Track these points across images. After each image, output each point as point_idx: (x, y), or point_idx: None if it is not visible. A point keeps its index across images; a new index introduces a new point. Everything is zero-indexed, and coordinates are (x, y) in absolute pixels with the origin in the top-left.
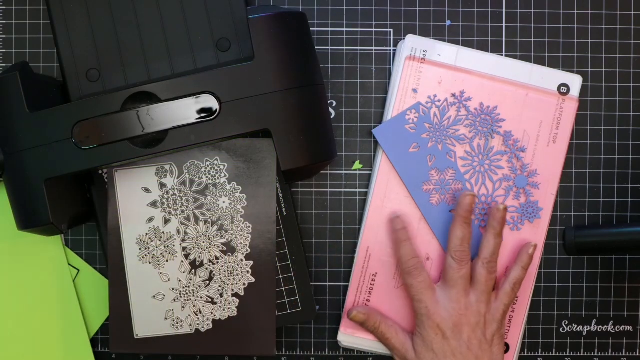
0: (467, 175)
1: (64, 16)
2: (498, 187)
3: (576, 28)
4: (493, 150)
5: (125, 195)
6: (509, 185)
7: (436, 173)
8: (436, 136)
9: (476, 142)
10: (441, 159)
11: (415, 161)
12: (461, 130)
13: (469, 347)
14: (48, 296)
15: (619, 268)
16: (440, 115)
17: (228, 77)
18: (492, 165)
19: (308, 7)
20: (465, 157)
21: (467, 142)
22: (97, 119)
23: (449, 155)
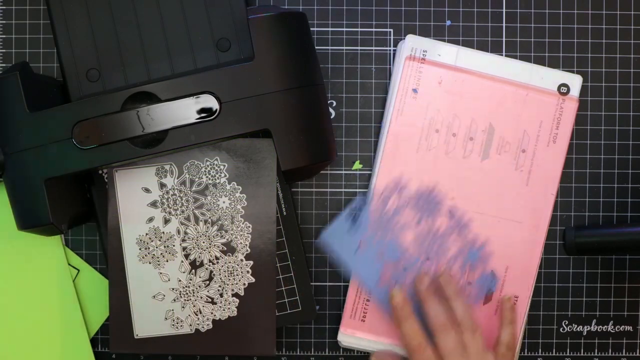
0: (419, 262)
1: (64, 16)
2: (452, 264)
3: (576, 28)
4: (440, 230)
5: (125, 195)
6: (462, 262)
7: (390, 267)
8: (381, 229)
9: (422, 225)
10: (391, 251)
11: (366, 260)
12: (404, 217)
13: None
14: (48, 296)
15: (619, 268)
16: (382, 207)
17: (228, 77)
18: (442, 246)
19: (308, 7)
20: (414, 243)
21: (413, 228)
22: (97, 119)
23: (397, 245)
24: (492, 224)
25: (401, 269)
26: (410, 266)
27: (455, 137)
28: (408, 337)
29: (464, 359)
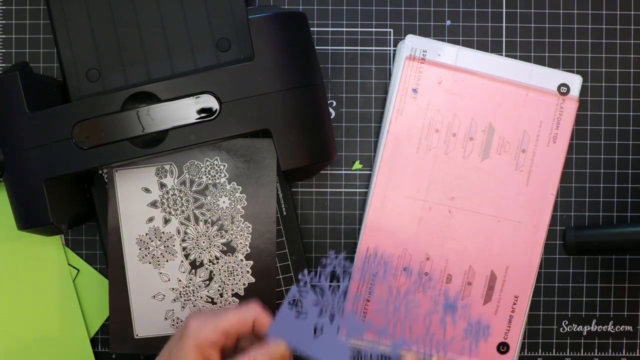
0: (389, 328)
1: (64, 16)
2: (429, 323)
3: (576, 28)
4: (401, 290)
5: (125, 195)
6: (440, 318)
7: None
8: (330, 305)
9: (377, 292)
10: (354, 326)
11: (330, 341)
12: (353, 287)
13: None
14: (48, 296)
15: (619, 268)
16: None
17: (228, 77)
18: (409, 307)
19: (308, 7)
20: (377, 312)
21: (369, 297)
22: (97, 119)
23: (358, 317)
24: (492, 224)
25: (372, 339)
26: (382, 332)
27: (455, 137)
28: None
29: None
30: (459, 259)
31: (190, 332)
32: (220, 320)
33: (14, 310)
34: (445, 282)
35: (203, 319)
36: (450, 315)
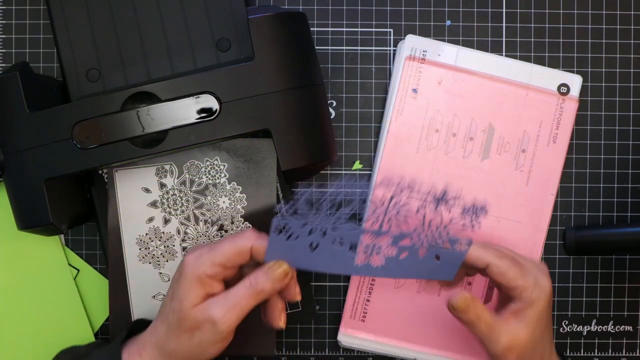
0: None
1: (64, 16)
2: (423, 215)
3: (576, 28)
4: (385, 199)
5: (125, 195)
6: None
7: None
8: (320, 221)
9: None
10: (349, 232)
11: (327, 251)
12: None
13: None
14: (49, 296)
15: (619, 268)
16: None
17: (228, 77)
18: (399, 206)
19: (308, 7)
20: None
21: (355, 205)
22: (97, 119)
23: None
24: (492, 224)
25: (370, 240)
26: (377, 232)
27: (455, 137)
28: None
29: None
30: None
31: (187, 270)
32: (215, 254)
33: (15, 310)
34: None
35: (199, 254)
36: (444, 204)
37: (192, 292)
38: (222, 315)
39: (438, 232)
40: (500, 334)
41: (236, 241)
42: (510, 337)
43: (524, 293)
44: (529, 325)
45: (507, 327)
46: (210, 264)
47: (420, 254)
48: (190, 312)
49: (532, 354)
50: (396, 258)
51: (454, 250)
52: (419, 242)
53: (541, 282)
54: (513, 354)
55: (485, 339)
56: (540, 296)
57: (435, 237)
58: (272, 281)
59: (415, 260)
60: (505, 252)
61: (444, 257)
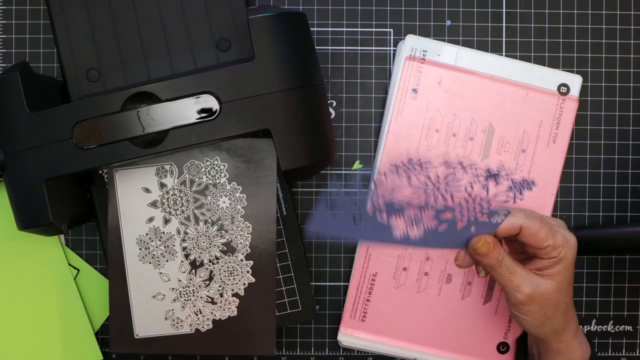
0: (422, 199)
1: (64, 16)
2: (471, 190)
3: (576, 28)
4: (439, 177)
5: (125, 195)
6: (481, 184)
7: (399, 220)
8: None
9: (415, 181)
10: (394, 207)
11: (372, 225)
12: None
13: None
14: (49, 296)
15: (619, 268)
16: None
17: (228, 77)
18: (450, 184)
19: (308, 7)
20: (416, 194)
21: (407, 186)
22: (97, 119)
23: (398, 200)
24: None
25: (412, 215)
26: (423, 206)
27: (455, 137)
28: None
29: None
30: None
31: None
32: None
33: (15, 311)
34: (445, 282)
35: None
36: (493, 180)
37: None
38: None
39: (480, 205)
40: (522, 282)
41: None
42: (531, 288)
43: (553, 252)
44: (553, 279)
45: (529, 278)
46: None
47: (458, 225)
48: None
49: (555, 308)
50: (434, 230)
51: (490, 221)
52: (460, 215)
53: (569, 238)
54: (535, 305)
55: (506, 284)
56: (567, 253)
57: (477, 210)
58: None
59: (453, 232)
60: (530, 212)
61: (479, 227)
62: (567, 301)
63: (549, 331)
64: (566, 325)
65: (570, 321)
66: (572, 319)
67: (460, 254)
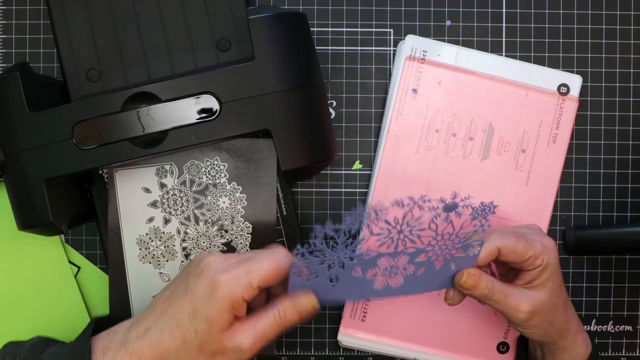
0: (391, 247)
1: (64, 16)
2: (435, 227)
3: (576, 28)
4: (397, 219)
5: (126, 195)
6: (442, 218)
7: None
8: (337, 254)
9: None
10: (364, 261)
11: (348, 281)
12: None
13: None
14: (50, 295)
15: (619, 268)
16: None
17: (228, 77)
18: (410, 225)
19: (308, 7)
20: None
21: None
22: (97, 119)
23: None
24: (492, 224)
25: (387, 265)
26: (394, 254)
27: (455, 137)
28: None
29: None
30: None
31: (222, 292)
32: (255, 275)
33: (16, 310)
34: None
35: (235, 276)
36: (454, 211)
37: (225, 316)
38: (250, 345)
39: (451, 241)
40: (519, 301)
41: (274, 260)
42: (530, 303)
43: (536, 260)
44: (545, 286)
45: (524, 294)
46: (248, 287)
47: (436, 265)
48: (218, 338)
49: (554, 312)
50: (414, 275)
51: (467, 255)
52: (434, 255)
53: (546, 243)
54: (537, 318)
55: (504, 308)
56: (550, 257)
57: (449, 247)
58: (301, 315)
59: (433, 272)
60: (503, 230)
61: (459, 263)
62: (563, 300)
63: (554, 334)
64: (568, 323)
65: (571, 317)
66: (572, 315)
67: (450, 293)
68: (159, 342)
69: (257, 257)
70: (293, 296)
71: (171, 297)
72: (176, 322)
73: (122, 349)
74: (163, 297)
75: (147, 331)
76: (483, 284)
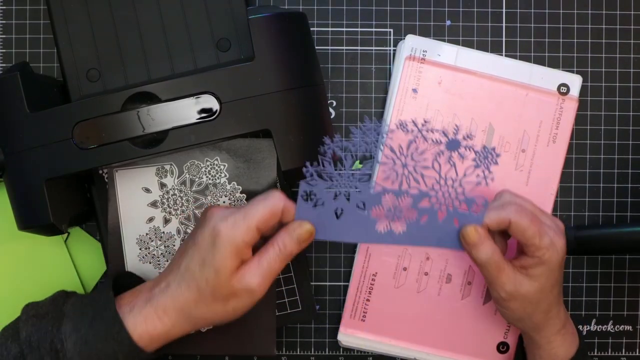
0: (395, 183)
1: (64, 16)
2: (439, 168)
3: (576, 28)
4: (396, 148)
5: (126, 195)
6: (446, 158)
7: (378, 210)
8: (344, 182)
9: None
10: (369, 197)
11: (353, 216)
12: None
13: None
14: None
15: (619, 268)
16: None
17: (228, 77)
18: (418, 161)
19: (308, 7)
20: (383, 176)
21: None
22: (97, 119)
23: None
24: None
25: (391, 204)
26: (398, 192)
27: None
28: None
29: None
30: (458, 259)
31: (224, 239)
32: (252, 219)
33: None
34: (445, 282)
35: (233, 222)
36: (456, 151)
37: (229, 261)
38: (259, 283)
39: (454, 189)
40: (507, 281)
41: (268, 202)
42: (514, 287)
43: (537, 252)
44: (536, 280)
45: (513, 276)
46: (247, 231)
47: (439, 217)
48: (227, 282)
49: (535, 306)
50: (417, 223)
51: (471, 212)
52: (437, 203)
53: (556, 242)
54: (515, 302)
55: (492, 282)
56: (552, 257)
57: (452, 196)
58: (299, 242)
59: (435, 225)
60: (525, 206)
61: (462, 220)
62: (549, 301)
63: (528, 326)
64: (547, 323)
65: (552, 319)
66: (556, 317)
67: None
68: (179, 295)
69: (253, 202)
70: (289, 227)
71: (185, 249)
72: (190, 274)
73: (147, 304)
74: (180, 251)
75: (168, 285)
76: (484, 248)
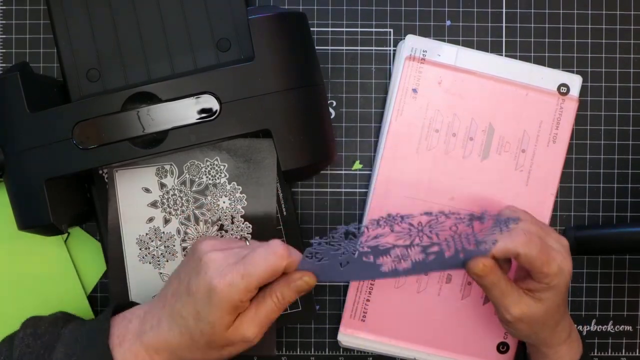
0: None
1: (64, 16)
2: (456, 229)
3: (576, 28)
4: (422, 222)
5: (126, 195)
6: (465, 224)
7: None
8: (352, 247)
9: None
10: (379, 250)
11: (359, 262)
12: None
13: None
14: (52, 293)
15: (619, 268)
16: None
17: (228, 77)
18: (433, 227)
19: (308, 7)
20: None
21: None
22: (97, 119)
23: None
24: None
25: (399, 253)
26: (408, 246)
27: (455, 137)
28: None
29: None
30: None
31: (221, 297)
32: (251, 279)
33: (17, 310)
34: (445, 282)
35: (230, 281)
36: (478, 221)
37: (227, 318)
38: (256, 333)
39: (467, 239)
40: (512, 303)
41: (270, 261)
42: (521, 310)
43: (545, 279)
44: (543, 303)
45: (520, 299)
46: (245, 291)
47: (446, 254)
48: (223, 334)
49: (542, 325)
50: (423, 261)
51: (479, 249)
52: (446, 247)
53: (564, 267)
54: (523, 324)
55: (498, 304)
56: (560, 281)
57: (464, 243)
58: (298, 293)
59: (442, 260)
60: (532, 233)
61: (467, 253)
62: (556, 319)
63: (534, 341)
64: (554, 336)
65: (558, 332)
66: (562, 330)
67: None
68: (172, 338)
69: (253, 259)
70: (289, 278)
71: (177, 291)
72: (183, 322)
73: (138, 340)
74: (172, 289)
75: (159, 323)
76: (491, 277)
